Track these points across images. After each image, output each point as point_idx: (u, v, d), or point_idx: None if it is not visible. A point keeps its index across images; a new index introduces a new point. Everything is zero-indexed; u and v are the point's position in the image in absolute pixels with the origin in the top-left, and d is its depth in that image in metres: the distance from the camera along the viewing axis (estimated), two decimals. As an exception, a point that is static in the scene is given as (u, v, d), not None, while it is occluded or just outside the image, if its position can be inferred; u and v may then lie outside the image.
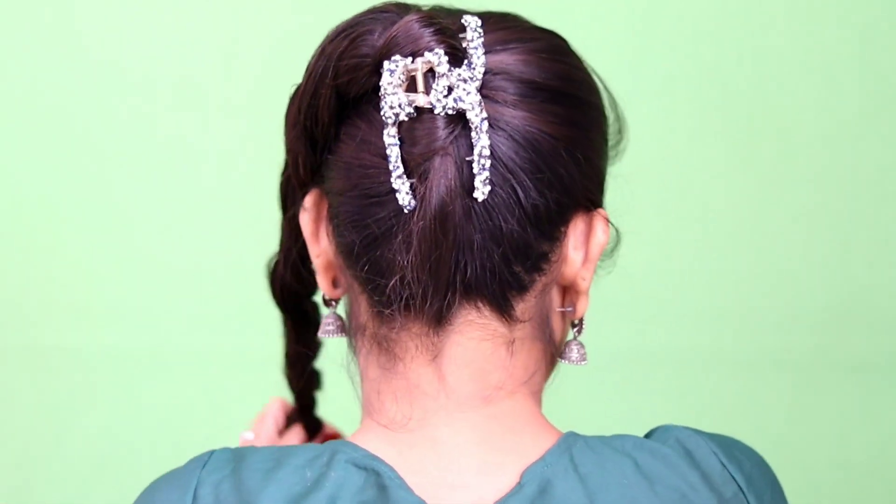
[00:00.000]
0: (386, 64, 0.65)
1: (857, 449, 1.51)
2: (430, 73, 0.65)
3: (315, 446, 0.69)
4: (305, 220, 0.74)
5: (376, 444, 0.69)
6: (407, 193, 0.65)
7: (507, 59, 0.68)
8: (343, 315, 0.76)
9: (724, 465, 0.69)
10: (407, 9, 0.69)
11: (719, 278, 1.50)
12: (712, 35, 1.48)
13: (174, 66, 1.45)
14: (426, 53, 0.65)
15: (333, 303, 0.76)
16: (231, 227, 1.46)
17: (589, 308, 0.74)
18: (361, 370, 0.73)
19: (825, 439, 1.50)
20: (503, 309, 0.69)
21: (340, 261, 0.72)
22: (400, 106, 0.65)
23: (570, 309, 0.73)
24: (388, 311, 0.68)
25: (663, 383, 1.49)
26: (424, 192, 0.65)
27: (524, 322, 0.70)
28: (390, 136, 0.65)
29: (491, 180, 0.66)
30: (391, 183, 0.66)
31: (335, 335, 0.76)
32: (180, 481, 0.69)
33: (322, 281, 0.75)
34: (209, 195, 1.46)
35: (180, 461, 0.74)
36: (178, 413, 1.47)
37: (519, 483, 0.67)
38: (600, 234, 0.71)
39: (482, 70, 0.66)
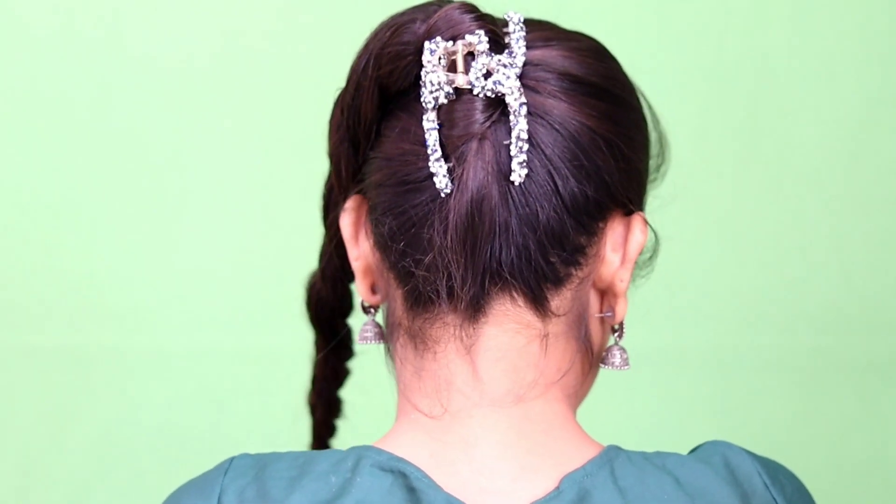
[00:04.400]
0: (427, 44, 0.66)
1: (857, 449, 1.51)
2: (470, 56, 0.66)
3: (339, 451, 0.69)
4: (346, 222, 0.74)
5: (408, 446, 0.69)
6: (444, 176, 0.66)
7: (549, 54, 0.69)
8: (381, 323, 0.76)
9: (767, 487, 0.69)
10: (449, 2, 0.69)
11: (719, 278, 1.50)
12: (713, 35, 1.48)
13: (174, 65, 1.45)
14: (466, 36, 0.66)
15: (372, 310, 0.76)
16: (232, 227, 1.46)
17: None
18: (397, 372, 0.73)
19: (825, 440, 1.50)
20: (538, 300, 0.69)
21: (378, 256, 0.72)
22: (440, 85, 0.66)
23: (609, 314, 0.73)
24: (425, 300, 0.68)
25: (663, 383, 1.49)
26: (462, 175, 0.66)
27: (559, 317, 0.70)
28: (429, 121, 0.66)
29: (528, 166, 0.66)
30: (429, 167, 0.66)
31: (373, 342, 0.76)
32: (203, 489, 0.68)
33: (360, 286, 0.75)
34: (210, 194, 1.46)
35: (180, 461, 0.74)
36: (178, 413, 1.47)
37: (557, 488, 0.67)
38: (638, 233, 0.71)
39: (522, 60, 0.67)
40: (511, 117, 0.66)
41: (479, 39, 0.66)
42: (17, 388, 1.46)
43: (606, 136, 0.68)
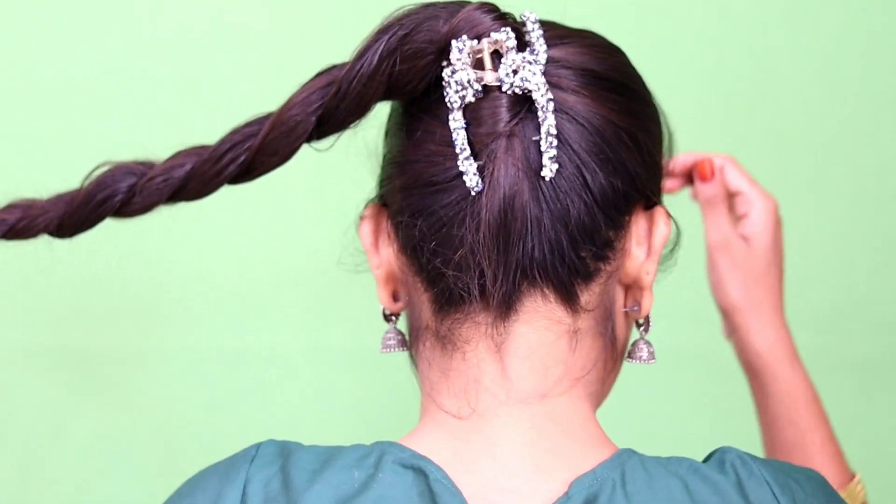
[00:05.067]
0: (454, 42, 0.66)
1: (856, 449, 1.51)
2: (496, 55, 0.67)
3: (363, 446, 0.69)
4: (365, 230, 0.74)
5: (431, 443, 0.69)
6: (475, 175, 0.66)
7: (566, 51, 0.70)
8: (403, 331, 0.76)
9: (776, 496, 0.68)
10: (462, 4, 0.70)
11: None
12: (713, 35, 1.48)
13: (174, 65, 1.45)
14: (492, 34, 0.67)
15: (393, 318, 0.76)
16: (232, 226, 1.46)
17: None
18: (422, 375, 0.73)
19: (825, 439, 1.50)
20: (569, 296, 0.69)
21: (403, 261, 0.72)
22: (468, 83, 0.66)
23: (635, 308, 0.74)
24: (455, 300, 0.68)
25: (663, 383, 1.49)
26: (493, 172, 0.66)
27: (588, 312, 0.70)
28: (455, 120, 0.67)
29: (558, 161, 0.67)
30: (457, 167, 0.67)
31: (396, 349, 0.76)
32: (228, 476, 0.68)
33: (382, 294, 0.74)
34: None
35: (180, 461, 0.74)
36: (178, 413, 1.47)
37: (566, 494, 0.67)
38: (663, 226, 0.72)
39: (545, 57, 0.68)
40: (539, 113, 0.66)
41: (506, 36, 0.67)
42: (17, 388, 1.46)
43: (628, 129, 0.69)
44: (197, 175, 0.73)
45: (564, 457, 0.69)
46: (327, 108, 0.68)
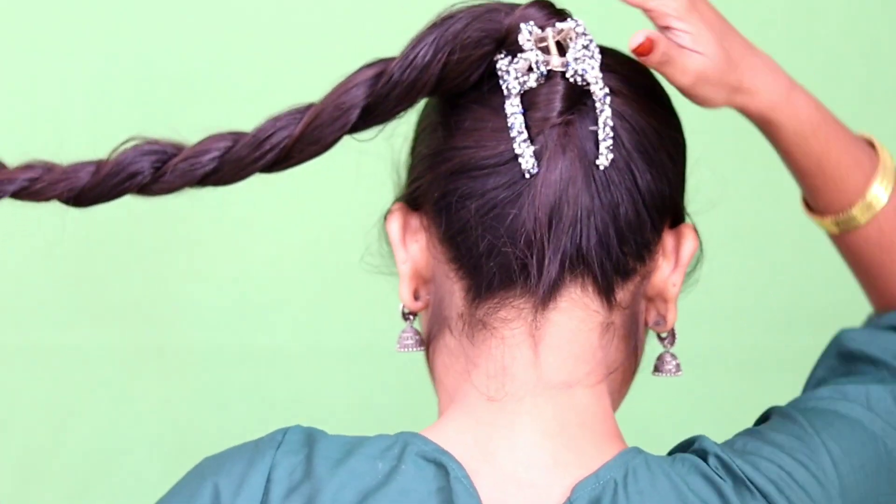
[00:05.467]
0: (524, 26, 0.68)
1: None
2: (558, 45, 0.68)
3: (387, 437, 0.69)
4: (394, 225, 0.74)
5: (454, 432, 0.70)
6: (531, 157, 0.67)
7: (613, 59, 0.72)
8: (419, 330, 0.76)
9: (722, 477, 0.69)
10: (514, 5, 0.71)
11: (719, 278, 1.49)
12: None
13: (174, 64, 1.45)
14: (557, 24, 0.68)
15: (411, 317, 0.76)
16: (231, 226, 1.46)
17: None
18: (443, 371, 0.73)
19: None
20: (608, 290, 0.70)
21: (440, 249, 0.72)
22: (536, 64, 0.67)
23: (659, 322, 0.75)
24: (496, 285, 0.69)
25: (662, 382, 1.49)
26: (549, 158, 0.67)
27: (622, 310, 0.71)
28: (513, 106, 0.68)
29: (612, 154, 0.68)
30: (510, 150, 0.67)
31: (413, 349, 0.76)
32: (254, 460, 0.68)
33: (405, 290, 0.74)
34: (209, 194, 1.46)
35: (180, 461, 0.73)
36: (178, 413, 1.47)
37: (569, 500, 0.68)
38: (691, 240, 0.74)
39: (600, 55, 0.69)
40: (597, 104, 0.68)
41: (576, 24, 0.69)
42: (18, 388, 1.46)
43: (668, 139, 0.72)
44: (233, 159, 0.72)
45: (581, 452, 0.69)
46: (376, 97, 0.69)
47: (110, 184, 0.73)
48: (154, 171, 0.72)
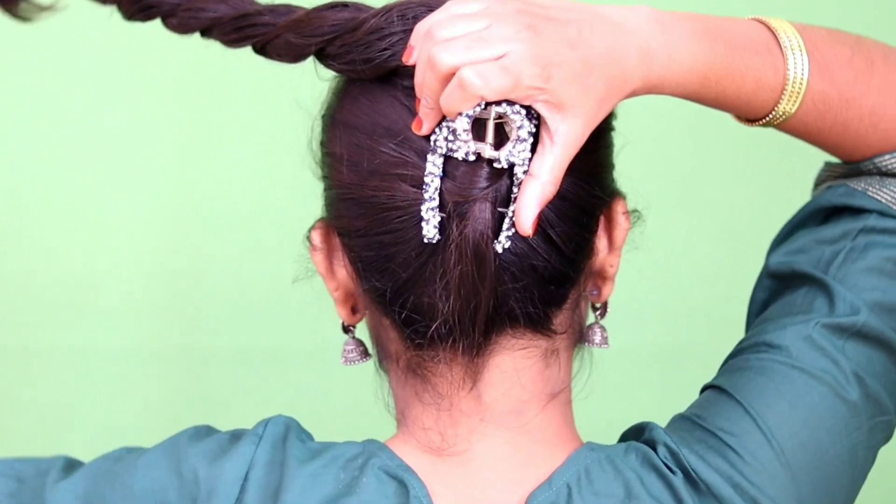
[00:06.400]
0: (462, 114, 0.63)
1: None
2: (498, 127, 0.64)
3: (354, 445, 0.70)
4: (318, 258, 0.73)
5: (412, 451, 0.70)
6: (435, 227, 0.65)
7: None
8: (363, 338, 0.76)
9: (671, 469, 0.69)
10: None
11: (719, 278, 1.50)
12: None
13: (173, 64, 1.45)
14: (506, 107, 0.63)
15: (352, 328, 0.75)
16: (231, 227, 1.46)
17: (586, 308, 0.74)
18: (393, 390, 0.73)
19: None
20: (541, 325, 0.69)
21: (369, 300, 0.71)
22: (466, 154, 0.64)
23: (594, 292, 0.73)
24: (426, 341, 0.67)
25: (661, 382, 1.49)
26: (462, 232, 0.64)
27: (563, 331, 0.70)
28: (435, 166, 0.64)
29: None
30: (418, 212, 0.65)
31: (358, 362, 0.76)
32: (234, 455, 0.69)
33: (342, 311, 0.74)
34: (209, 195, 1.46)
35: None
36: (178, 413, 1.47)
37: None
38: (622, 220, 0.72)
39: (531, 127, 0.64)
40: (515, 189, 0.64)
41: (520, 122, 0.63)
42: (17, 388, 1.46)
43: (587, 152, 0.67)
44: (219, 25, 0.70)
45: (535, 465, 0.69)
46: (340, 34, 0.66)
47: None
48: (172, 8, 0.71)
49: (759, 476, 0.68)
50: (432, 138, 0.64)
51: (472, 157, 0.64)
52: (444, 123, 0.64)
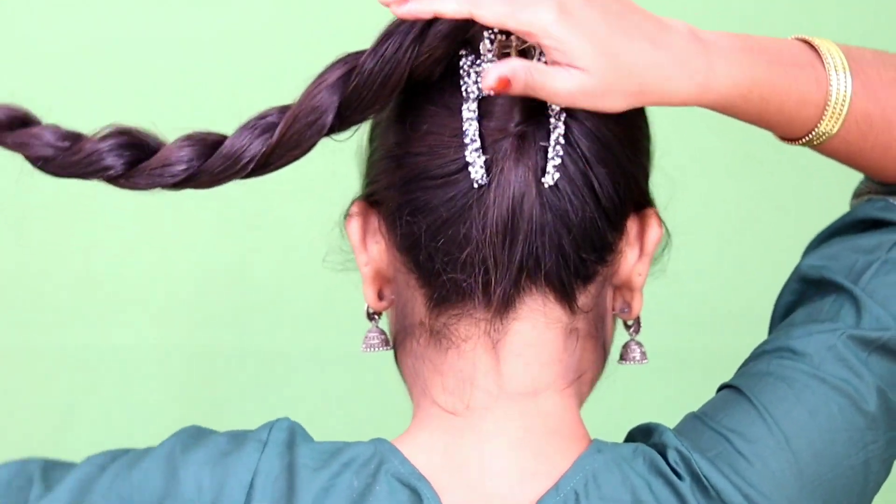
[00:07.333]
0: (486, 32, 0.66)
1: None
2: (521, 54, 0.66)
3: (364, 447, 0.70)
4: (354, 227, 0.74)
5: (424, 445, 0.70)
6: (481, 167, 0.66)
7: None
8: (385, 330, 0.76)
9: (679, 475, 0.69)
10: None
11: (718, 278, 1.50)
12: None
13: (173, 64, 1.45)
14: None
15: (376, 317, 0.76)
16: (231, 227, 1.46)
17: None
18: (412, 373, 0.73)
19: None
20: (568, 296, 0.69)
21: (396, 258, 0.71)
22: (489, 76, 0.65)
23: (625, 310, 0.74)
24: (454, 297, 0.68)
25: (661, 383, 1.49)
26: (502, 170, 0.66)
27: (585, 314, 0.71)
28: (469, 111, 0.66)
29: (564, 164, 0.67)
30: (464, 158, 0.66)
31: (379, 349, 0.76)
32: (237, 461, 0.69)
33: (368, 291, 0.74)
34: (209, 194, 1.46)
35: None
36: (178, 413, 1.47)
37: None
38: (655, 228, 0.72)
39: None
40: (552, 119, 0.67)
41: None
42: (18, 388, 1.46)
43: (629, 130, 0.70)
44: (208, 171, 0.73)
45: (547, 460, 0.70)
46: (350, 95, 0.67)
47: (82, 166, 0.75)
48: (127, 168, 0.73)
49: (769, 485, 0.68)
50: (462, 87, 0.67)
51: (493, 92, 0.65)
52: (471, 69, 0.66)
